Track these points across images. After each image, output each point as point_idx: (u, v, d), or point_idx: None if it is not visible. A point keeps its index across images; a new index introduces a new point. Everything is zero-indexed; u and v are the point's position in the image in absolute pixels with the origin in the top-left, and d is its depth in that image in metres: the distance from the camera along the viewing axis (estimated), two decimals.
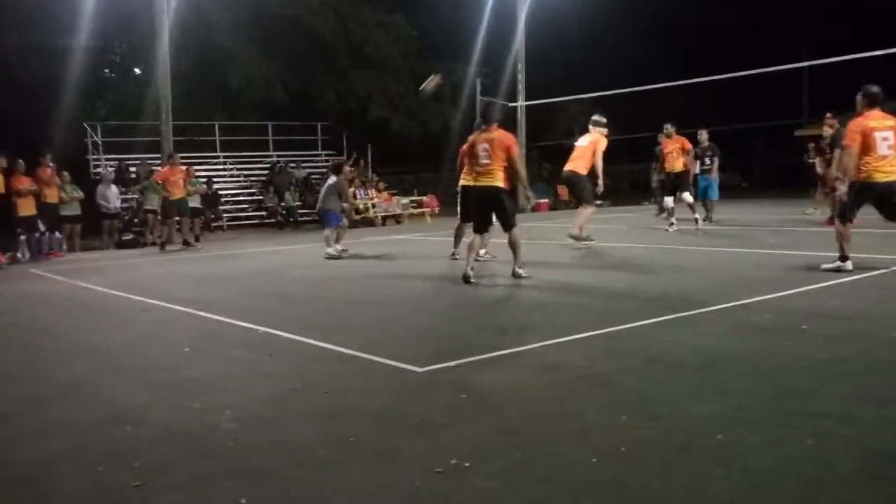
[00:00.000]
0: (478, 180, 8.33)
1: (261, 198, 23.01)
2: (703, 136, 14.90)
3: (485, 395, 4.12)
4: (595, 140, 11.32)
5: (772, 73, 19.78)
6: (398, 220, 21.72)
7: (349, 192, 14.69)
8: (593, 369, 4.52)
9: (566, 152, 11.76)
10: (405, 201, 22.85)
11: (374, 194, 22.27)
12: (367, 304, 7.47)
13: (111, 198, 17.16)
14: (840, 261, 7.74)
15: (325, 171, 19.61)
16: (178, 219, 15.45)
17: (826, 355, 4.57)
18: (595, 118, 11.68)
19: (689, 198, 13.56)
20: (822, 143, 15.20)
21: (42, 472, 3.31)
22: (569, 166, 11.52)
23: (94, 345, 6.09)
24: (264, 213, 22.51)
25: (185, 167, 16.33)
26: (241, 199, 23.51)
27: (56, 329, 6.97)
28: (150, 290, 8.71)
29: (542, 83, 26.35)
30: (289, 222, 21.50)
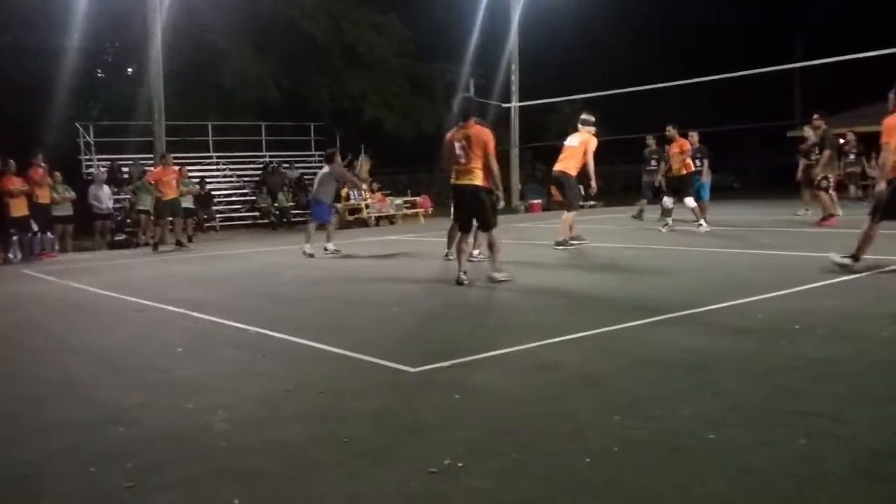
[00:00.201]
0: (457, 179, 8.07)
1: (254, 198, 22.97)
2: (694, 139, 14.93)
3: (478, 395, 4.12)
4: (585, 140, 11.15)
5: (765, 74, 19.85)
6: (392, 220, 21.70)
7: (347, 175, 14.60)
8: (586, 369, 4.52)
9: (559, 153, 11.69)
10: (399, 202, 22.83)
11: (368, 195, 22.25)
12: (360, 304, 7.46)
13: (103, 198, 17.11)
14: (852, 259, 7.67)
15: (318, 171, 19.57)
16: (170, 219, 15.43)
17: (819, 355, 4.58)
18: (584, 117, 11.49)
19: (690, 202, 13.53)
20: (804, 145, 15.23)
21: (36, 472, 3.30)
22: (558, 166, 11.39)
23: (87, 345, 6.07)
24: (257, 214, 22.47)
25: (177, 167, 16.30)
26: (233, 199, 23.46)
27: (49, 329, 6.94)
28: (143, 291, 8.69)
29: (536, 83, 26.37)
30: (282, 223, 21.47)
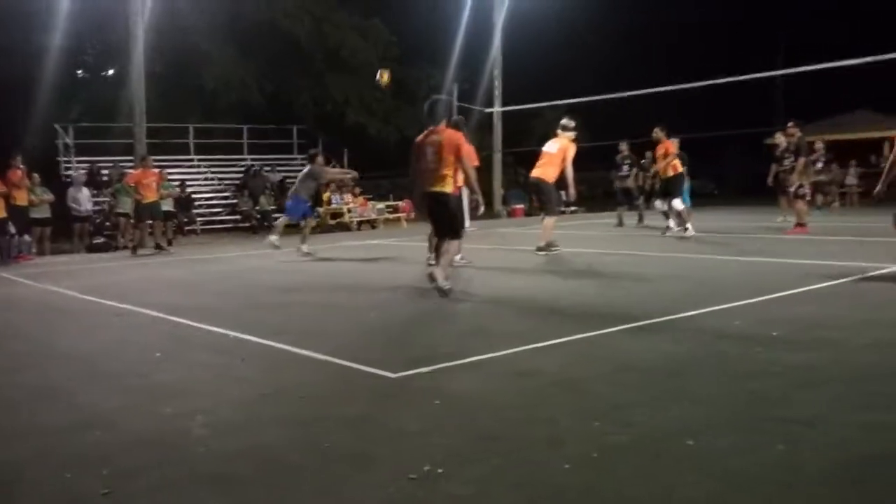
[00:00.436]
0: (427, 185, 7.74)
1: (235, 201, 22.86)
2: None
3: (458, 401, 4.11)
4: (564, 147, 11.09)
5: (747, 80, 20.05)
6: (373, 225, 21.69)
7: (328, 175, 14.53)
8: (566, 375, 4.53)
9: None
10: (381, 206, 22.82)
11: (350, 199, 22.21)
12: (340, 308, 7.44)
13: (82, 200, 16.98)
14: None
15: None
16: (150, 222, 15.31)
17: (797, 362, 4.61)
18: (563, 122, 11.42)
19: (678, 204, 13.59)
20: (777, 152, 15.38)
21: (11, 477, 3.25)
22: (536, 172, 11.30)
23: (65, 349, 6.01)
24: (238, 217, 22.37)
25: (157, 170, 16.20)
26: (215, 202, 23.34)
27: (27, 333, 6.86)
28: (122, 295, 8.61)
29: (521, 88, 26.42)
30: (263, 226, 21.35)
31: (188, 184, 21.90)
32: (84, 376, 5.05)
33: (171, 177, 19.72)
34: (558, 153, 11.10)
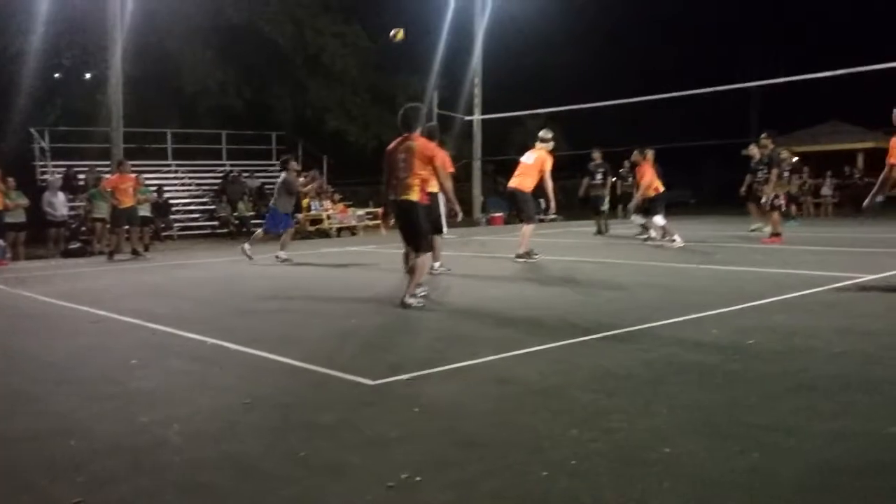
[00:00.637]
0: (396, 193, 7.55)
1: (213, 207, 22.72)
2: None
3: (436, 408, 4.11)
4: (542, 158, 11.18)
5: (725, 91, 20.30)
6: (353, 231, 21.63)
7: (300, 186, 14.41)
8: (544, 383, 4.54)
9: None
10: (360, 213, 22.77)
11: (330, 205, 22.16)
12: (318, 315, 7.41)
13: (58, 205, 16.80)
14: None
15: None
16: (127, 228, 15.17)
17: (772, 370, 4.66)
18: (541, 134, 11.52)
19: (660, 220, 13.64)
20: (751, 163, 15.51)
21: None
22: (513, 182, 11.41)
23: (38, 355, 5.93)
24: (216, 223, 22.24)
25: (134, 175, 16.07)
26: (192, 208, 23.19)
27: None
28: (98, 301, 8.53)
29: (501, 96, 26.50)
30: (241, 232, 21.23)
31: (166, 189, 21.74)
32: (58, 383, 4.98)
33: (148, 182, 19.57)
34: (535, 164, 11.23)
